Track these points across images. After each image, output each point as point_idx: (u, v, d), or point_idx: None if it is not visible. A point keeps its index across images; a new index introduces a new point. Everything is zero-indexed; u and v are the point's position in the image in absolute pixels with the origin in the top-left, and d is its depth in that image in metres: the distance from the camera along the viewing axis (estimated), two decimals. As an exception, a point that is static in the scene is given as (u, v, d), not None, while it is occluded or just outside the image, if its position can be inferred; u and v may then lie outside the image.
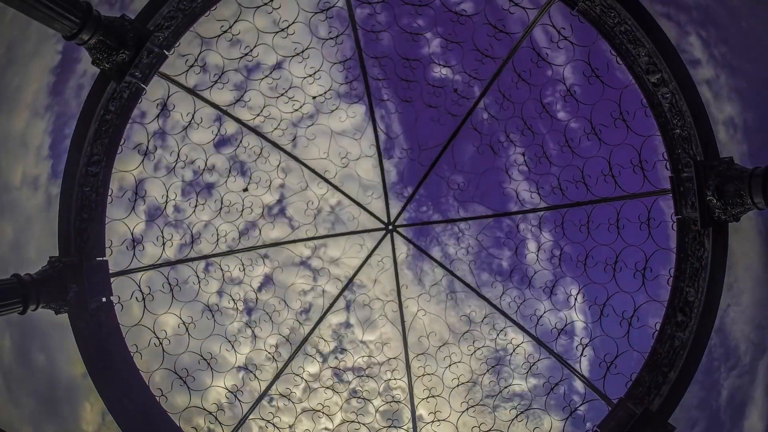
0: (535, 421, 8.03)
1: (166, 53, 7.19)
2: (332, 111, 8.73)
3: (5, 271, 6.35)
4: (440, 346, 9.24)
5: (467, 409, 8.61)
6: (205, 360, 8.38)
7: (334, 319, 9.76)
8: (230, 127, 8.65)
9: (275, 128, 8.81)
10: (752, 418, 7.33)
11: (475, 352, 8.98)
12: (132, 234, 7.86)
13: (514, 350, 8.77)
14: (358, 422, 9.00)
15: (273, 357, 9.11)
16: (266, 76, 8.35)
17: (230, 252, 8.86)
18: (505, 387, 8.62)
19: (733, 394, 7.55)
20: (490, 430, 8.29)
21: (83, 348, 7.25)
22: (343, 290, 9.62)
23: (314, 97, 8.52)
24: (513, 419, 8.24)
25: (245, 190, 8.86)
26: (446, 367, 9.05)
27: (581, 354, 7.84)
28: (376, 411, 9.13)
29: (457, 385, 8.89)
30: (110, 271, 7.51)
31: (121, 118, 7.30)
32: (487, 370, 8.85)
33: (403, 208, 9.55)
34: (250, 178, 8.89)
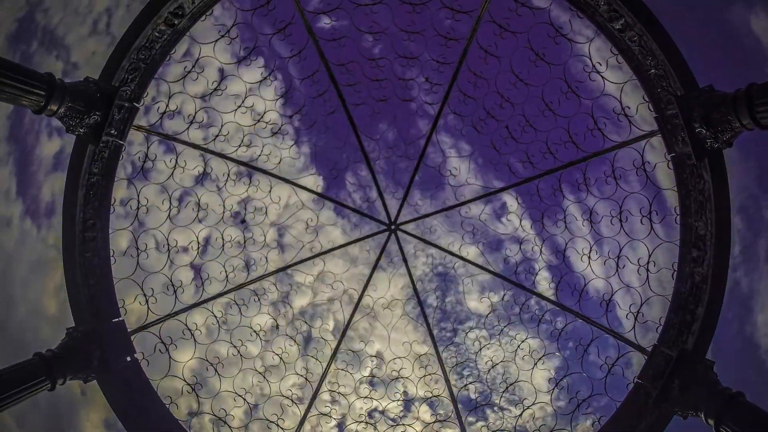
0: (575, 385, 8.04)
1: (137, 105, 7.21)
2: (310, 126, 8.77)
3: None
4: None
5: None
6: (241, 397, 8.42)
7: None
8: (214, 163, 8.67)
9: (260, 154, 8.85)
10: (766, 311, 7.05)
11: (500, 330, 9.00)
12: (142, 288, 7.87)
13: (540, 319, 8.73)
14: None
15: (306, 378, 9.13)
16: (239, 106, 8.37)
17: (240, 286, 8.86)
18: (542, 356, 8.60)
19: (732, 290, 7.20)
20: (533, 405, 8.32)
21: (119, 411, 7.27)
22: (360, 298, 9.63)
23: (290, 116, 8.54)
24: (554, 386, 8.22)
25: (243, 221, 8.87)
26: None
27: (606, 310, 7.82)
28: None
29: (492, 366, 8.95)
30: (128, 330, 7.54)
31: (106, 178, 7.33)
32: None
33: (402, 205, 9.53)
34: (245, 209, 8.92)
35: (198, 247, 8.49)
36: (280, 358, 8.90)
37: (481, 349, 9.05)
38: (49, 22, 12.52)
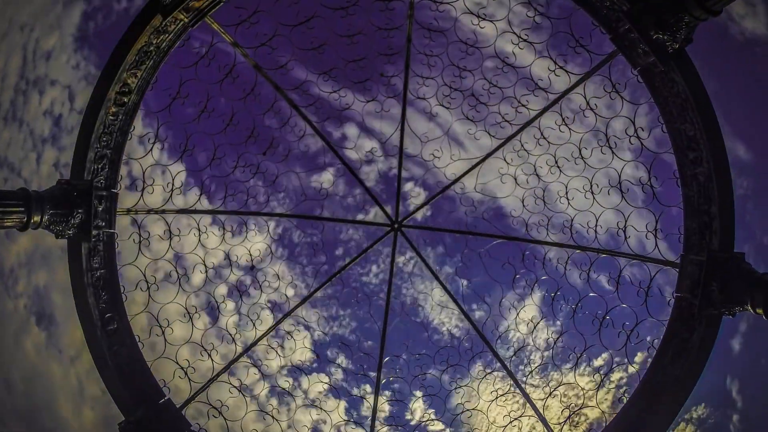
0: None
1: (115, 191, 7.24)
2: (284, 158, 8.83)
3: None
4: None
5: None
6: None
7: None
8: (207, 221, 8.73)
9: (247, 199, 8.90)
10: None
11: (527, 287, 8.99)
12: (177, 362, 7.91)
13: (565, 266, 8.67)
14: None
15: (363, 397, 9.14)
16: (214, 158, 8.43)
17: (271, 328, 8.89)
18: (579, 301, 8.53)
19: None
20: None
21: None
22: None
23: (264, 153, 8.58)
24: (600, 326, 8.15)
25: (252, 268, 8.91)
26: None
27: (625, 237, 7.78)
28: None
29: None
30: (177, 405, 7.59)
31: (109, 269, 7.36)
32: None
33: (398, 202, 9.53)
34: (251, 256, 8.97)
35: (218, 306, 8.55)
36: (330, 384, 8.98)
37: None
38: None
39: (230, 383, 8.34)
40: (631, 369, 7.73)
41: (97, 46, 16.40)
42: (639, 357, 7.64)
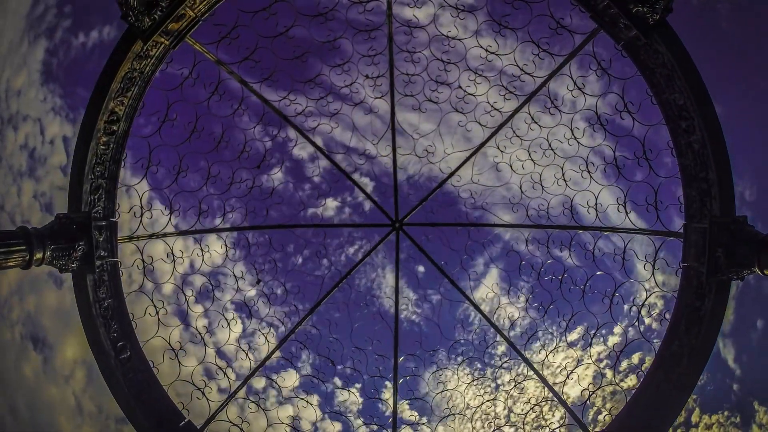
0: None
1: (114, 220, 7.26)
2: (280, 166, 8.87)
3: None
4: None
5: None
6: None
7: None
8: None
9: (247, 213, 8.92)
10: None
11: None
12: (194, 384, 7.94)
13: (570, 245, 8.69)
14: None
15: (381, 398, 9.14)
16: (207, 179, 8.44)
17: (286, 338, 8.90)
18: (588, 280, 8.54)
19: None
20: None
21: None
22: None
23: (258, 165, 8.60)
24: (611, 302, 8.16)
25: (259, 282, 8.92)
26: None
27: (626, 212, 7.79)
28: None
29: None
30: (198, 426, 7.60)
31: (117, 298, 7.38)
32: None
33: (396, 201, 9.51)
34: (255, 268, 9.02)
35: (228, 323, 8.56)
36: (347, 391, 8.99)
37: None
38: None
39: (248, 398, 8.37)
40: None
41: (60, 79, 17.52)
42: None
